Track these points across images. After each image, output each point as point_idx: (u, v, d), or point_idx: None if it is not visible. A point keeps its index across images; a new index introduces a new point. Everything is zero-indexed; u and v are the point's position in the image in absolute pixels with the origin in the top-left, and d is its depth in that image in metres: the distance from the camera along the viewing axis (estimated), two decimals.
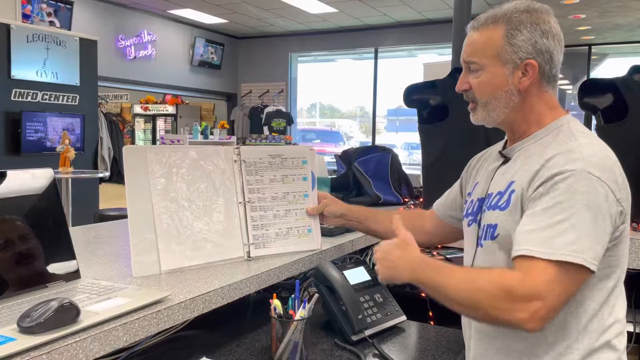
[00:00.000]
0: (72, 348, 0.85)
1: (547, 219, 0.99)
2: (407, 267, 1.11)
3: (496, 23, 1.13)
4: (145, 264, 1.22)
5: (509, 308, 0.96)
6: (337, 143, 12.23)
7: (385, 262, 1.15)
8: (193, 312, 1.10)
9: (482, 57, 1.14)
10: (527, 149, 1.15)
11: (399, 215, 1.25)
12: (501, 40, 1.12)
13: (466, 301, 1.02)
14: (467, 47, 1.17)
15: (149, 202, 1.25)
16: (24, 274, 1.05)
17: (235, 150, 1.41)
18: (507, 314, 0.97)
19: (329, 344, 1.33)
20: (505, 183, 1.14)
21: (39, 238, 1.09)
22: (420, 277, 1.09)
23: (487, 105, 1.16)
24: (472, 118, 1.20)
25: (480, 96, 1.16)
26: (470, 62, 1.15)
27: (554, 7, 1.20)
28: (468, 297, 1.02)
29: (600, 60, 9.87)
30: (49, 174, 1.15)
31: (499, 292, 0.97)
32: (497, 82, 1.13)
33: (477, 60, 1.14)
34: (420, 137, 2.25)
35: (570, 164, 1.02)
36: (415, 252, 1.13)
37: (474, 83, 1.16)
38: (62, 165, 4.91)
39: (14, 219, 1.06)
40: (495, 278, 0.99)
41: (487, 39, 1.13)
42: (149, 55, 8.91)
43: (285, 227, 1.45)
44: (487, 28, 1.14)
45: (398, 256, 1.13)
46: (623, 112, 1.79)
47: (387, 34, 9.51)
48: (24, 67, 5.47)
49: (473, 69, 1.15)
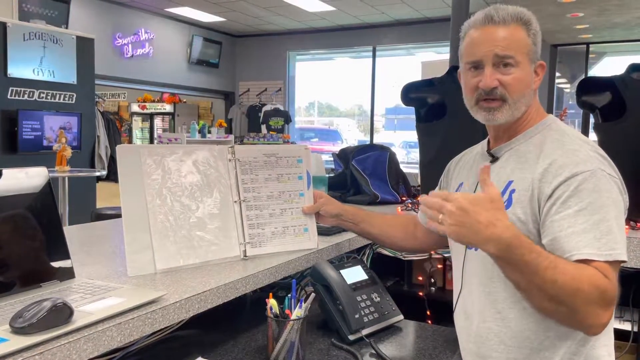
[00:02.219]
0: (65, 349, 0.85)
1: (586, 220, 1.01)
2: (497, 239, 0.93)
3: (518, 22, 1.14)
4: (140, 263, 1.21)
5: (600, 312, 0.96)
6: (336, 141, 12.22)
7: (462, 220, 0.94)
8: (188, 311, 1.09)
9: (518, 52, 1.13)
10: (517, 149, 1.17)
11: (488, 165, 1.06)
12: (528, 39, 1.14)
13: (562, 296, 0.94)
14: (501, 41, 1.12)
15: (143, 201, 1.24)
16: (17, 273, 1.04)
17: (230, 149, 1.40)
18: (594, 317, 0.96)
19: (326, 343, 1.32)
20: (503, 183, 1.14)
21: (33, 237, 1.08)
22: (513, 256, 0.94)
23: (516, 103, 1.14)
24: (496, 116, 1.15)
25: (513, 93, 1.13)
26: (507, 57, 1.12)
27: (552, 6, 1.21)
28: (567, 292, 0.94)
29: (598, 59, 9.87)
30: (43, 173, 1.14)
31: (596, 294, 0.95)
32: (528, 81, 1.15)
33: (514, 55, 1.12)
34: (418, 136, 2.24)
35: (584, 164, 1.05)
36: (508, 222, 0.96)
37: (508, 80, 1.12)
38: (58, 163, 4.89)
39: (8, 218, 1.05)
40: (594, 278, 0.95)
41: (519, 36, 1.14)
42: (147, 53, 8.89)
43: (281, 226, 1.44)
44: (515, 25, 1.13)
45: (487, 221, 0.93)
46: (621, 110, 1.79)
47: (385, 33, 9.50)
48: (20, 65, 5.45)
49: (510, 63, 1.12)
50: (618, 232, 1.01)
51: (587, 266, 0.98)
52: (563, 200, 1.03)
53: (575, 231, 1.00)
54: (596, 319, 0.96)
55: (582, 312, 0.95)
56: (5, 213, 1.05)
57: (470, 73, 1.17)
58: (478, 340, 1.17)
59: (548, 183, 1.06)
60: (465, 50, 1.19)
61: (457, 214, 0.94)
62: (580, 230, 1.00)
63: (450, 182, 1.36)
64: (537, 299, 0.99)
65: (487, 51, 1.12)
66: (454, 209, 0.94)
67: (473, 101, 1.18)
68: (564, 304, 0.95)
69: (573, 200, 1.02)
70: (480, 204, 0.95)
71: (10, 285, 1.02)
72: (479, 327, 1.17)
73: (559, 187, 1.04)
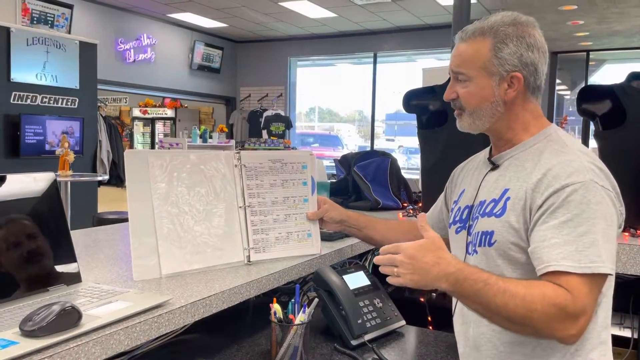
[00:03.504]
0: (74, 352, 0.86)
1: (570, 232, 1.01)
2: (445, 276, 1.01)
3: (483, 35, 1.15)
4: (145, 267, 1.23)
5: (563, 327, 0.97)
6: (336, 147, 12.24)
7: (413, 266, 1.02)
8: (194, 316, 1.10)
9: (469, 68, 1.16)
10: (517, 157, 1.18)
11: (424, 214, 1.21)
12: (488, 53, 1.14)
13: (517, 319, 0.98)
14: (455, 57, 1.19)
15: (150, 206, 1.25)
16: (25, 277, 1.05)
17: (236, 155, 1.41)
18: (560, 332, 0.97)
19: (329, 348, 1.33)
20: (500, 191, 1.16)
21: (41, 241, 1.09)
22: (463, 288, 1.01)
23: (473, 114, 1.19)
24: (458, 124, 1.23)
25: (467, 105, 1.18)
26: (458, 73, 1.18)
27: (553, 13, 1.22)
28: (521, 314, 0.97)
29: (598, 66, 9.91)
30: (50, 178, 1.16)
31: (553, 311, 0.96)
32: (484, 94, 1.16)
33: (464, 72, 1.17)
34: (420, 142, 2.26)
35: (576, 175, 1.05)
36: (451, 258, 1.04)
37: (462, 93, 1.18)
38: (61, 168, 4.91)
39: (16, 222, 1.07)
40: (547, 296, 0.97)
41: (474, 51, 1.16)
42: (149, 58, 8.92)
43: (285, 231, 1.46)
44: (474, 40, 1.16)
45: (432, 261, 1.02)
46: (621, 118, 1.80)
47: (386, 39, 9.54)
48: (23, 70, 5.47)
49: (461, 79, 1.18)
50: (603, 245, 1.00)
51: (544, 284, 0.99)
52: (551, 210, 1.04)
53: (557, 242, 1.01)
54: (564, 332, 0.97)
55: (545, 329, 0.97)
56: (13, 217, 1.07)
57: None
58: (473, 345, 1.18)
59: (540, 193, 1.07)
60: None
61: (407, 262, 1.03)
62: (562, 241, 1.00)
63: (454, 188, 1.38)
64: (498, 322, 1.03)
65: (450, 67, 1.21)
66: (404, 258, 1.04)
67: None
68: (524, 324, 0.99)
69: (560, 212, 1.03)
70: (424, 247, 1.04)
71: (18, 288, 1.03)
72: (474, 332, 1.18)
73: (549, 197, 1.05)
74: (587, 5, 6.25)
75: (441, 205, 1.46)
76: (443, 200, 1.45)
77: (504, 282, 1.00)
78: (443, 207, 1.45)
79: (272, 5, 7.99)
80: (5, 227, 1.04)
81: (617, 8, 6.42)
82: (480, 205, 1.19)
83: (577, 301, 0.97)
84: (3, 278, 1.01)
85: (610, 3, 6.13)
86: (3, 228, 1.04)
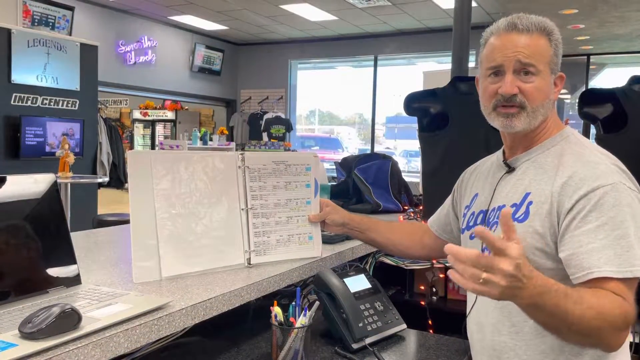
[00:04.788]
0: (74, 354, 0.85)
1: (607, 236, 0.99)
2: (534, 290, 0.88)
3: (544, 32, 1.14)
4: (146, 269, 1.22)
5: (624, 335, 0.97)
6: (336, 150, 12.24)
7: (515, 280, 0.85)
8: (194, 318, 1.09)
9: (540, 61, 1.12)
10: (535, 160, 1.16)
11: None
12: (551, 50, 1.14)
13: (587, 330, 0.93)
14: (524, 48, 1.11)
15: (152, 207, 1.25)
16: (25, 279, 1.04)
17: (240, 156, 1.40)
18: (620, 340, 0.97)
19: (330, 351, 1.32)
20: (520, 195, 1.13)
21: (41, 243, 1.09)
22: (545, 301, 0.90)
23: (535, 112, 1.13)
24: (513, 122, 1.13)
25: (532, 102, 1.12)
26: (530, 65, 1.11)
27: (554, 17, 1.21)
28: (595, 326, 0.93)
29: (599, 70, 9.91)
30: (50, 179, 1.16)
31: (620, 321, 0.94)
32: (547, 90, 1.14)
33: (536, 64, 1.11)
34: (421, 145, 2.26)
35: (604, 178, 1.03)
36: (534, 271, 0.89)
37: (528, 87, 1.12)
38: (61, 170, 4.91)
39: (15, 223, 1.06)
40: (615, 307, 0.94)
41: (542, 46, 1.13)
42: (149, 60, 8.93)
43: (286, 234, 1.45)
44: (539, 34, 1.13)
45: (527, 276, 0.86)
46: (622, 122, 1.80)
47: (386, 42, 9.55)
48: (24, 71, 5.47)
49: (531, 72, 1.12)
50: (638, 248, 0.98)
51: (607, 293, 0.96)
52: (583, 215, 1.02)
53: (596, 247, 0.99)
54: (618, 340, 0.97)
55: (608, 339, 0.96)
56: (13, 219, 1.06)
57: (489, 79, 1.16)
58: (492, 353, 1.15)
59: (568, 197, 1.04)
60: (486, 56, 1.17)
61: (510, 272, 0.84)
62: (600, 246, 0.98)
63: (464, 192, 1.35)
64: (564, 335, 0.98)
65: (510, 57, 1.12)
66: (509, 267, 0.84)
67: (491, 107, 1.16)
68: (591, 336, 0.95)
69: (593, 215, 1.01)
70: (522, 262, 0.86)
71: (18, 290, 1.02)
72: (493, 341, 1.15)
73: (579, 201, 1.03)
74: (588, 9, 6.26)
75: (448, 208, 1.44)
76: (450, 204, 1.43)
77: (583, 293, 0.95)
78: (450, 211, 1.42)
79: (273, 8, 8.00)
80: (5, 228, 1.04)
81: (617, 12, 6.42)
82: (497, 210, 1.16)
83: (632, 306, 0.96)
84: (2, 279, 1.01)
85: (610, 7, 6.15)
86: (3, 229, 1.03)
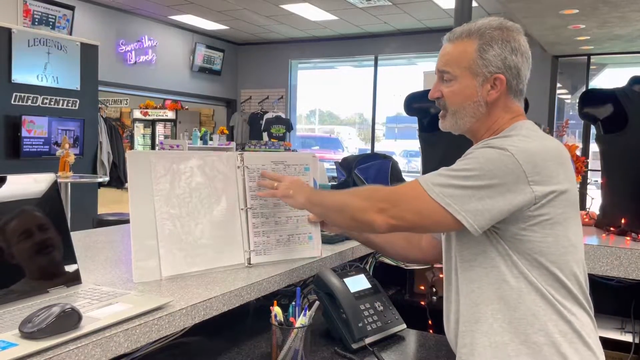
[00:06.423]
0: (74, 354, 0.85)
1: (447, 170, 1.13)
2: (305, 194, 1.33)
3: (470, 37, 1.19)
4: (146, 269, 1.22)
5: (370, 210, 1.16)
6: (337, 150, 12.23)
7: (293, 185, 1.35)
8: (194, 318, 1.09)
9: (454, 67, 1.20)
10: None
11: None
12: (474, 54, 1.18)
13: (338, 205, 1.24)
14: (442, 57, 1.23)
15: (152, 207, 1.25)
16: (25, 278, 1.05)
17: (239, 157, 1.41)
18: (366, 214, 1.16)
19: (329, 351, 1.32)
20: None
21: (41, 243, 1.09)
22: (312, 199, 1.32)
23: (456, 114, 1.22)
24: (441, 125, 1.27)
25: (451, 104, 1.22)
26: (444, 72, 1.22)
27: (554, 17, 1.22)
28: (339, 200, 1.24)
29: (599, 70, 9.91)
30: (51, 179, 1.16)
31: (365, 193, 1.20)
32: (467, 93, 1.20)
33: (450, 70, 1.20)
34: (421, 145, 2.26)
35: (492, 142, 1.12)
36: (305, 186, 1.38)
37: (446, 92, 1.22)
38: (61, 169, 4.91)
39: (16, 223, 1.06)
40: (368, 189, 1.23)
41: (460, 51, 1.20)
42: (150, 60, 8.93)
43: (286, 234, 1.45)
44: (461, 41, 1.20)
45: (302, 186, 1.36)
46: (623, 122, 1.80)
47: (387, 42, 9.54)
48: (24, 71, 5.48)
49: (446, 78, 1.22)
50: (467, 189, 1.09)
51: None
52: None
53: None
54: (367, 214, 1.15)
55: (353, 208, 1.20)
56: (14, 218, 1.06)
57: None
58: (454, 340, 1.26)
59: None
60: None
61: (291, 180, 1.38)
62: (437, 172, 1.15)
63: None
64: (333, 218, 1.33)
65: (436, 66, 1.25)
66: (289, 179, 1.39)
67: None
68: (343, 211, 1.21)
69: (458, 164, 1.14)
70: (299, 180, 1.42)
71: (18, 290, 1.02)
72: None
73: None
74: (588, 10, 6.26)
75: None
76: None
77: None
78: None
79: (274, 7, 7.99)
80: (6, 228, 1.04)
81: (618, 12, 6.42)
82: None
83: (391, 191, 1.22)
84: (3, 279, 1.01)
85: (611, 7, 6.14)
86: (3, 229, 1.03)
